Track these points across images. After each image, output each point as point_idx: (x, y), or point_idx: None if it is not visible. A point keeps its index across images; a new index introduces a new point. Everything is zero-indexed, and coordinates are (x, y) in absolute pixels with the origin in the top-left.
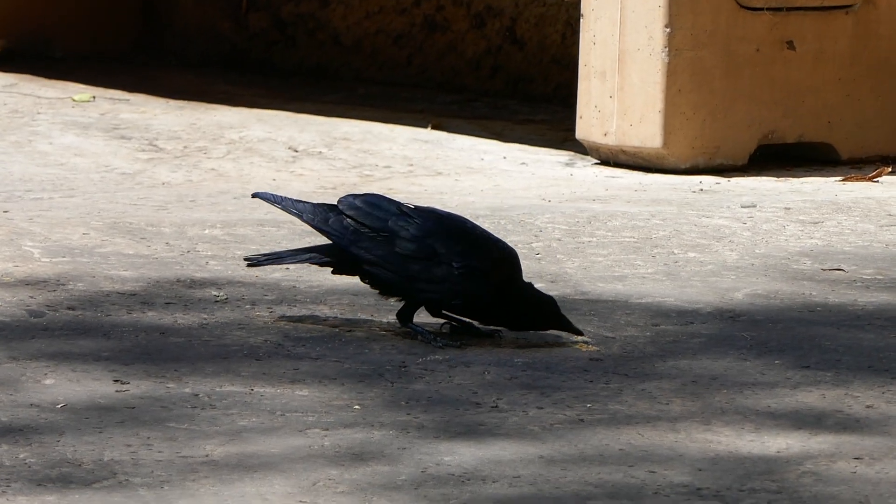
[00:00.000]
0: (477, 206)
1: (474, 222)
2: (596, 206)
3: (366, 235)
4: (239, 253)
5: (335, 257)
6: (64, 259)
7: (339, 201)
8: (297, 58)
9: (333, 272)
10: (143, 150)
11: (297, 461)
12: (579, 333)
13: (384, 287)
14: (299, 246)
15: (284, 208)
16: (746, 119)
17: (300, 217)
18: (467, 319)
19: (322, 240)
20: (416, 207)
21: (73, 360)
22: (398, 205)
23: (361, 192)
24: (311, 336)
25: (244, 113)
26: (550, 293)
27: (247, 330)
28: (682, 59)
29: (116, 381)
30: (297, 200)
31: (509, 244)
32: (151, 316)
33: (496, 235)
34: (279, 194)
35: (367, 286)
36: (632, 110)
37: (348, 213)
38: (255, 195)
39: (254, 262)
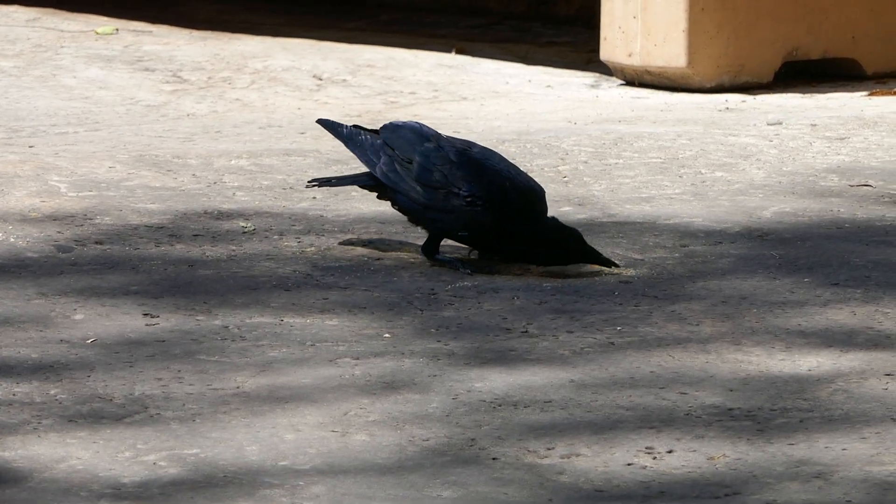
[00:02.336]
0: (503, 130)
1: (505, 158)
2: (622, 128)
3: (396, 162)
4: (266, 183)
5: (376, 182)
6: (90, 193)
7: (381, 129)
8: None
9: (378, 197)
10: (168, 82)
11: (327, 391)
12: (610, 265)
13: (407, 214)
14: (327, 174)
15: (344, 142)
16: (770, 36)
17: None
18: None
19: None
20: (450, 139)
21: (102, 295)
22: (434, 136)
23: (402, 122)
24: (340, 265)
25: (267, 42)
26: (578, 216)
27: (275, 261)
28: None
29: (146, 314)
30: (355, 131)
31: (535, 181)
32: (179, 249)
33: (524, 172)
34: (340, 123)
35: (398, 213)
36: (655, 30)
37: (386, 140)
38: (319, 121)
39: (313, 184)
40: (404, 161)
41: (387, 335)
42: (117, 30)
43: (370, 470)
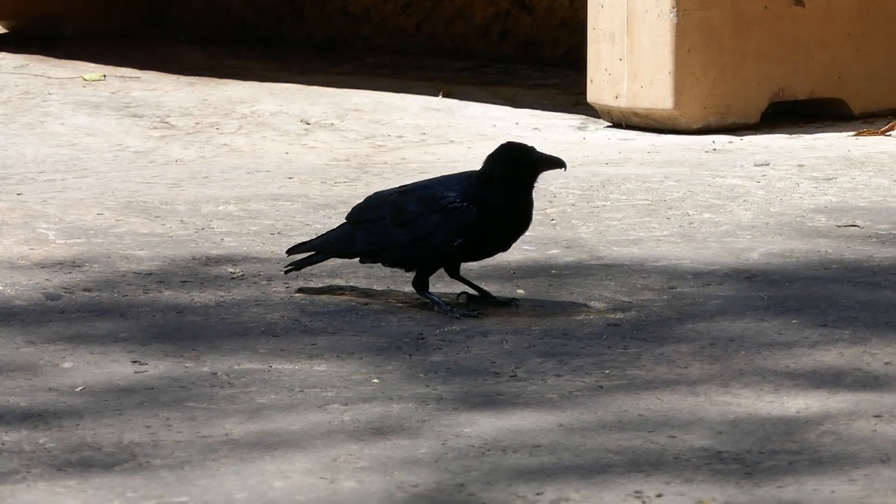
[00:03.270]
0: None
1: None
2: (609, 170)
3: (370, 229)
4: (254, 228)
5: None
6: (79, 240)
7: (346, 217)
8: (307, 30)
9: (361, 261)
10: (156, 128)
11: (317, 437)
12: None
13: (401, 262)
14: (315, 218)
15: (320, 256)
16: (757, 77)
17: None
18: (476, 285)
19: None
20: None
21: (90, 343)
22: (393, 190)
23: (364, 198)
24: (328, 310)
25: (255, 87)
26: (566, 259)
27: (264, 306)
28: (690, 18)
29: (135, 361)
30: (324, 237)
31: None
32: (168, 295)
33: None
34: (305, 250)
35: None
36: (642, 72)
37: (353, 219)
38: (289, 255)
39: (292, 268)
40: (377, 221)
41: (375, 380)
42: (105, 76)
43: None
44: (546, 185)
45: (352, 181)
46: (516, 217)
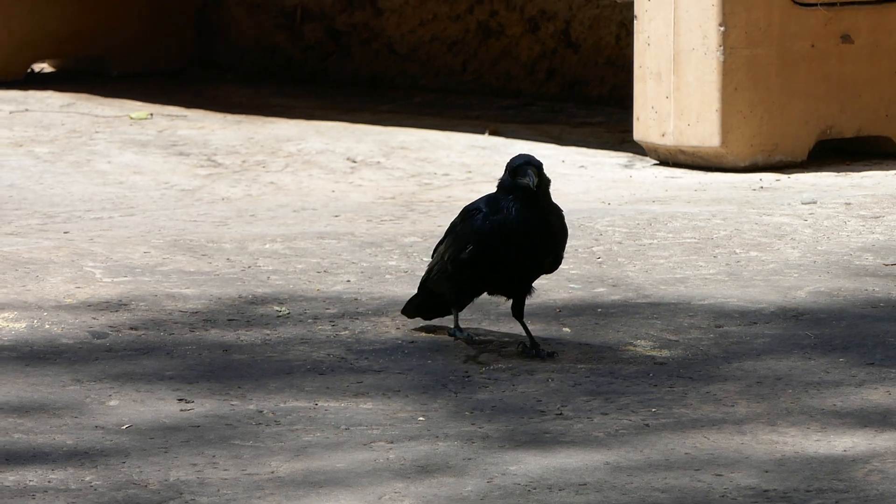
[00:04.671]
0: None
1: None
2: (656, 208)
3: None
4: (300, 267)
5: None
6: (125, 279)
7: None
8: (352, 68)
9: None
10: (202, 166)
11: (362, 475)
12: None
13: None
14: (360, 257)
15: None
16: (804, 115)
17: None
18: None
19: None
20: None
21: (136, 381)
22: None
23: None
24: (374, 349)
25: (301, 125)
26: (612, 297)
27: (309, 344)
28: (737, 57)
29: (181, 400)
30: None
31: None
32: (214, 333)
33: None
34: None
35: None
36: (689, 110)
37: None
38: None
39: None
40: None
41: (421, 418)
42: (151, 114)
43: None
44: (592, 223)
45: (398, 219)
46: (529, 224)
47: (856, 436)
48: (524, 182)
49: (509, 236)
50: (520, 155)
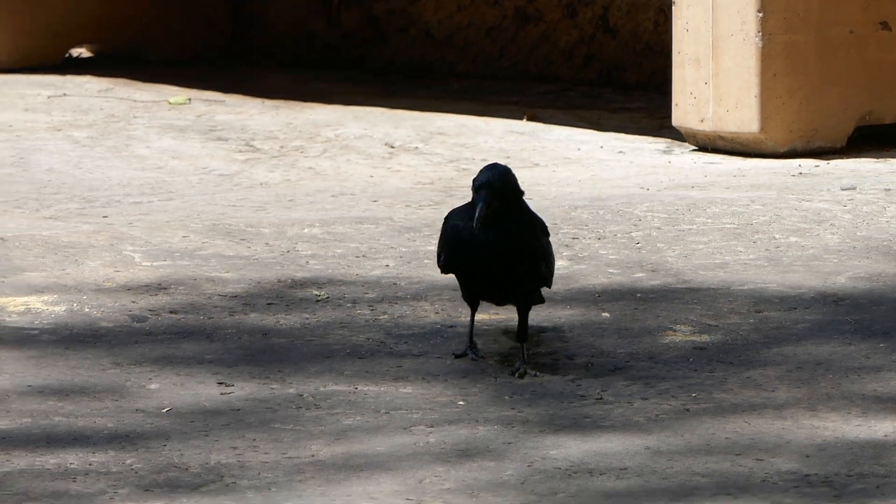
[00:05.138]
0: (575, 196)
1: None
2: (695, 193)
3: None
4: (339, 251)
5: None
6: (164, 263)
7: None
8: (390, 54)
9: None
10: (241, 151)
11: (402, 459)
12: None
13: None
14: (399, 242)
15: None
16: (843, 101)
17: None
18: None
19: None
20: None
21: (176, 364)
22: None
23: None
24: (413, 333)
25: (339, 111)
26: (652, 283)
27: (349, 328)
28: (775, 43)
29: (221, 383)
30: None
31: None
32: (254, 317)
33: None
34: None
35: None
36: (727, 96)
37: None
38: None
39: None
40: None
41: (461, 402)
42: (190, 99)
43: None
44: (631, 208)
45: (436, 204)
46: (486, 239)
47: None
48: (476, 210)
49: (466, 246)
50: (487, 168)
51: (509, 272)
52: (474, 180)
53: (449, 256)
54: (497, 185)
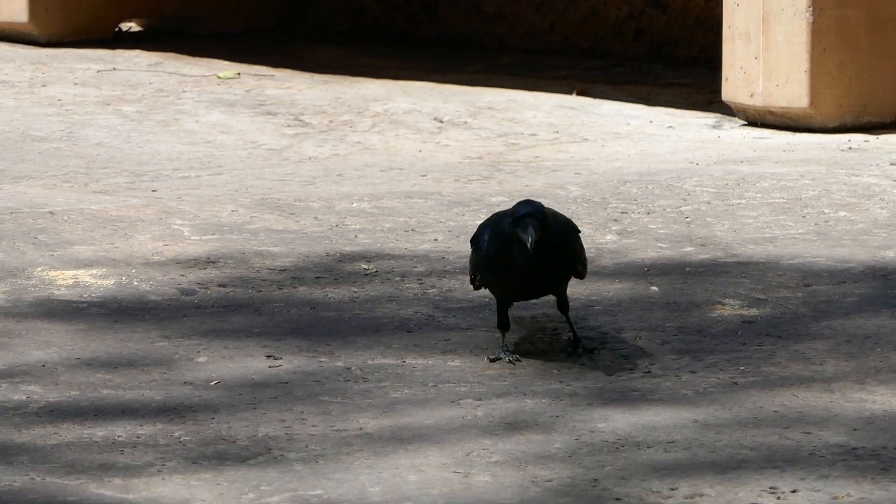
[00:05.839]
0: (624, 171)
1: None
2: (744, 168)
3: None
4: (387, 226)
5: None
6: (213, 237)
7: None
8: (440, 28)
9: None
10: (289, 126)
11: (450, 432)
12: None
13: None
14: (448, 216)
15: None
16: (893, 76)
17: None
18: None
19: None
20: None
21: (225, 338)
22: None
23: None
24: (462, 307)
25: (388, 85)
26: (701, 257)
27: (397, 302)
28: (826, 17)
29: (269, 356)
30: None
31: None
32: (302, 291)
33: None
34: None
35: None
36: (777, 71)
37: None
38: None
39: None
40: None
41: (509, 376)
42: (239, 74)
43: None
44: (681, 183)
45: (485, 179)
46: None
47: None
48: (524, 239)
49: (513, 269)
50: (523, 202)
51: (555, 283)
52: (515, 212)
53: (493, 278)
54: (539, 215)
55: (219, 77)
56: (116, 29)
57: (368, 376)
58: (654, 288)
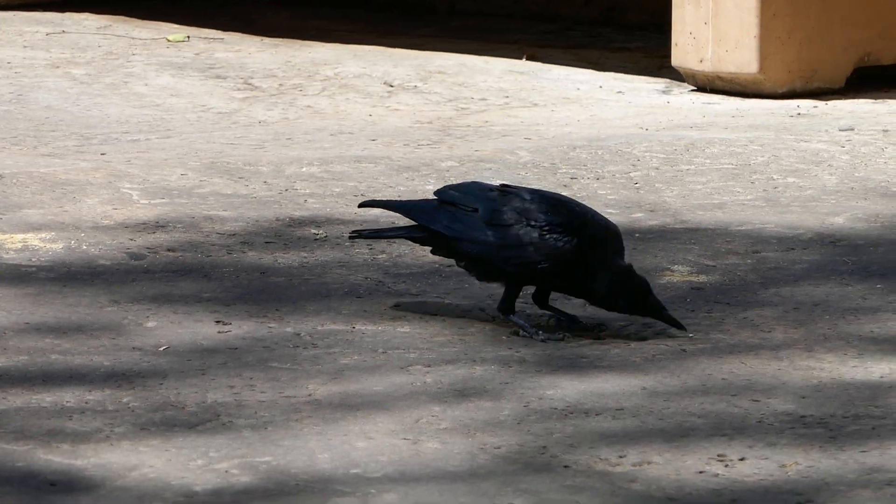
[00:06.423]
0: (574, 136)
1: (581, 203)
2: (693, 134)
3: (459, 214)
4: (337, 190)
5: (432, 235)
6: (162, 201)
7: (435, 192)
8: None
9: (433, 252)
10: (239, 89)
11: (399, 398)
12: (674, 324)
13: (477, 264)
14: (398, 181)
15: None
16: (842, 42)
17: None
18: (561, 310)
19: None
20: (515, 186)
21: (174, 303)
22: (495, 187)
23: (459, 182)
24: (412, 273)
25: (339, 49)
26: (650, 223)
27: (347, 268)
28: None
29: (218, 322)
30: (400, 202)
31: (611, 222)
32: (252, 256)
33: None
34: (382, 206)
35: (464, 269)
36: (727, 36)
37: (444, 198)
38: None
39: (356, 235)
40: (468, 210)
41: (458, 342)
42: (189, 37)
43: (442, 477)
44: (630, 148)
45: (435, 143)
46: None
47: (893, 362)
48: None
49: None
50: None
51: None
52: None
53: (565, 275)
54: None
55: (168, 40)
56: None
57: (318, 342)
58: None
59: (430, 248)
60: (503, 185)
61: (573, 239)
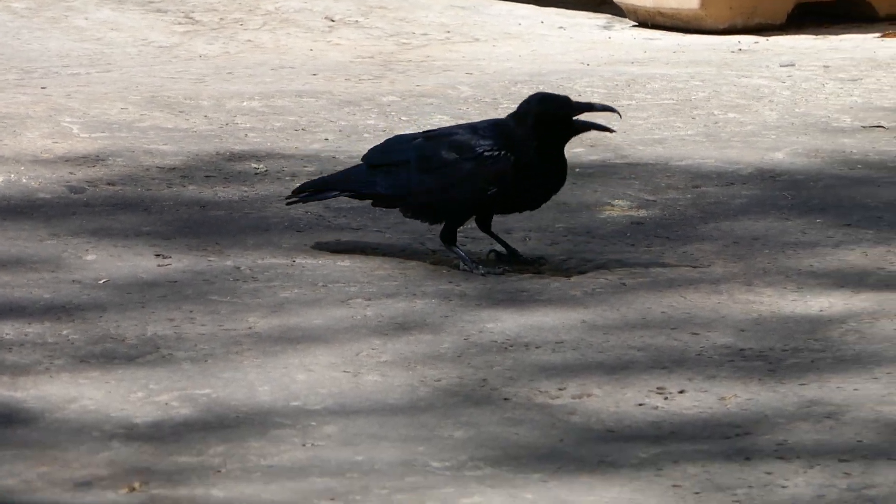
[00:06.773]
0: (515, 71)
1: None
2: (634, 69)
3: (392, 173)
4: (278, 125)
5: (377, 199)
6: (103, 134)
7: (362, 158)
8: None
9: (374, 205)
10: (180, 23)
11: (339, 332)
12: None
13: (424, 211)
14: (339, 115)
15: (332, 194)
16: None
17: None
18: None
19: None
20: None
21: (114, 236)
22: (418, 134)
23: (380, 143)
24: (352, 207)
25: None
26: (591, 157)
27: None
28: None
29: (158, 255)
30: (334, 178)
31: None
32: (192, 190)
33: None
34: (315, 188)
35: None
36: None
37: (372, 161)
38: (295, 195)
39: (295, 199)
40: (400, 165)
41: (399, 276)
42: None
43: (382, 410)
44: (571, 83)
45: (376, 78)
46: (550, 173)
47: (832, 296)
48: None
49: (534, 184)
50: (542, 93)
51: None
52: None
53: (512, 192)
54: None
55: None
56: None
57: (258, 276)
58: None
59: (371, 203)
60: (426, 132)
61: (510, 156)
